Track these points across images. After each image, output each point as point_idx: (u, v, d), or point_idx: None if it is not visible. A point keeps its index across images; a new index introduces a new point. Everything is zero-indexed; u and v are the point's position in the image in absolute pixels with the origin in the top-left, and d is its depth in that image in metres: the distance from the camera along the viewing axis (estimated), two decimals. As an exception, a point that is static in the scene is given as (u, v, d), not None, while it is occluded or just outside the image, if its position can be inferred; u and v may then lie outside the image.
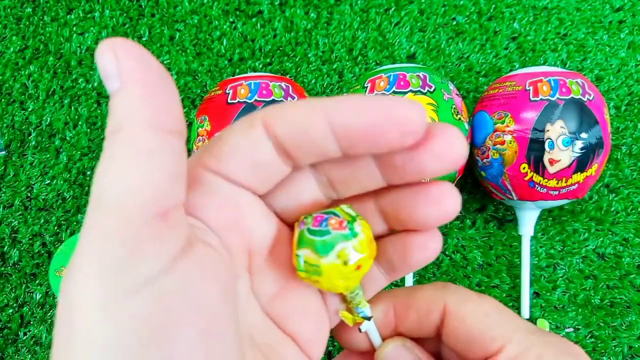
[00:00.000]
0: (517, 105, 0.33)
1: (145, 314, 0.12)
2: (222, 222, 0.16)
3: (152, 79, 0.13)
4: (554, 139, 0.32)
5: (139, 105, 0.12)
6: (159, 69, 0.13)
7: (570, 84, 0.33)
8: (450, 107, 0.33)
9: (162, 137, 0.13)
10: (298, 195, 0.18)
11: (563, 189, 0.33)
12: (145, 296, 0.12)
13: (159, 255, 0.12)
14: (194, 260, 0.13)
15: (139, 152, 0.12)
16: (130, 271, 0.12)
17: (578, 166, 0.33)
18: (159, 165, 0.13)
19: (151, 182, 0.12)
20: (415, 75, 0.33)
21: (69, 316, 0.12)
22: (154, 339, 0.12)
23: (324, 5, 0.44)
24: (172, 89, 0.13)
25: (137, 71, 0.12)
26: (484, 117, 0.35)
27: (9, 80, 0.42)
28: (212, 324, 0.13)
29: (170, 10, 0.44)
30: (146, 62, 0.13)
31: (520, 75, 0.34)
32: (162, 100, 0.13)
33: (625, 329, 0.38)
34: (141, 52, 0.13)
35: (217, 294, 0.14)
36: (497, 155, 0.34)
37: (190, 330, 0.13)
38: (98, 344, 0.12)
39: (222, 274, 0.14)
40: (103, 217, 0.12)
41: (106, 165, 0.13)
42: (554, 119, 0.32)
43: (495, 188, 0.36)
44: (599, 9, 0.44)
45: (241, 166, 0.16)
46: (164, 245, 0.12)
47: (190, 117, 0.42)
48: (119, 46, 0.12)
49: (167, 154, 0.13)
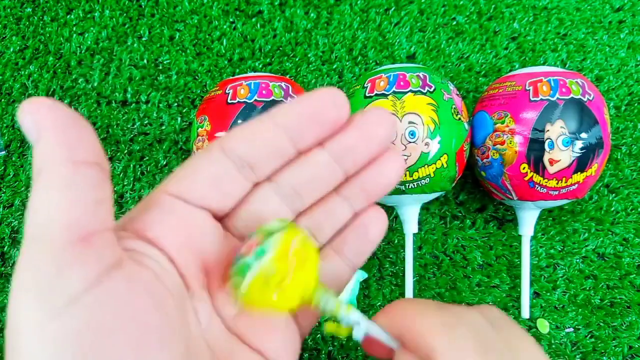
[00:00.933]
0: (517, 105, 0.33)
1: (75, 330, 0.13)
2: (175, 241, 0.17)
3: (62, 123, 0.14)
4: (554, 139, 0.32)
5: (52, 148, 0.14)
6: (69, 113, 0.15)
7: (570, 84, 0.33)
8: (450, 107, 0.33)
9: (76, 170, 0.14)
10: (261, 211, 0.19)
11: (563, 189, 0.33)
12: (74, 313, 0.13)
13: (82, 275, 0.14)
14: (121, 277, 0.14)
15: (56, 187, 0.14)
16: (57, 291, 0.13)
17: (578, 166, 0.32)
18: (75, 196, 0.14)
19: (69, 211, 0.14)
20: (415, 75, 0.33)
21: (14, 339, 0.13)
22: (87, 352, 0.13)
23: (324, 5, 0.44)
24: (83, 127, 0.15)
25: (48, 121, 0.14)
26: (484, 117, 0.35)
27: (9, 80, 0.42)
28: (143, 335, 0.14)
29: (170, 10, 0.44)
30: (56, 111, 0.14)
31: (520, 75, 0.34)
32: (73, 139, 0.14)
33: (625, 329, 0.38)
34: (52, 104, 0.14)
35: (148, 308, 0.15)
36: (497, 155, 0.34)
37: (120, 342, 0.14)
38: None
39: (158, 289, 0.16)
40: (32, 245, 0.14)
41: (32, 202, 0.14)
42: (553, 119, 0.32)
43: (495, 188, 0.36)
44: (599, 9, 0.44)
45: (199, 186, 0.18)
46: (87, 265, 0.14)
47: (191, 117, 0.42)
48: (34, 105, 0.14)
49: (84, 184, 0.14)
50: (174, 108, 0.42)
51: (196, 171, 0.18)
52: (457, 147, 0.33)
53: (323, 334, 0.37)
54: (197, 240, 0.18)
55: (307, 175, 0.20)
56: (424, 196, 0.35)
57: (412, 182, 0.33)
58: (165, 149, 0.41)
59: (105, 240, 0.15)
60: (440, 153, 0.33)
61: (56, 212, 0.14)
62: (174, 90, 0.42)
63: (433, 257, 0.39)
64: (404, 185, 0.33)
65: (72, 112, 0.15)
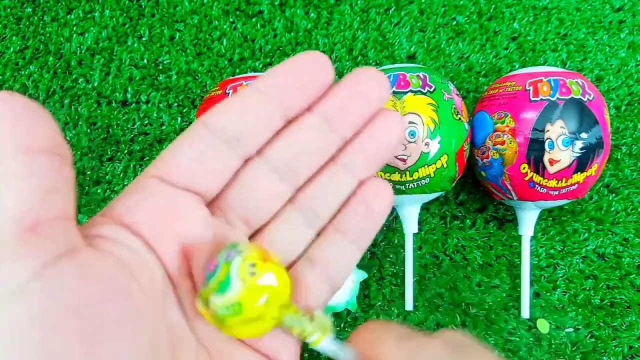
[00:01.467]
0: (517, 105, 0.33)
1: (19, 320, 0.13)
2: (154, 226, 0.17)
3: (16, 113, 0.14)
4: (554, 139, 0.32)
5: (2, 138, 0.14)
6: (25, 103, 0.14)
7: (570, 84, 0.33)
8: (450, 107, 0.33)
9: (27, 159, 0.14)
10: (254, 190, 0.18)
11: (563, 189, 0.33)
12: (22, 300, 0.13)
13: (27, 265, 0.13)
14: (72, 266, 0.14)
15: (6, 177, 0.14)
16: (5, 279, 0.13)
17: (578, 166, 0.32)
18: (24, 185, 0.14)
19: (18, 200, 0.14)
20: (415, 75, 0.33)
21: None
22: (31, 342, 0.13)
23: (324, 5, 0.44)
24: (40, 116, 0.15)
25: (3, 111, 0.14)
26: (484, 117, 0.35)
27: (9, 80, 0.42)
28: (94, 326, 0.14)
29: (170, 10, 0.44)
30: (11, 102, 0.14)
31: (520, 75, 0.34)
32: (25, 128, 0.14)
33: (625, 329, 0.38)
34: (7, 96, 0.14)
35: (103, 297, 0.14)
36: (497, 155, 0.34)
37: (66, 333, 0.13)
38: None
39: (119, 277, 0.15)
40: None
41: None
42: (554, 119, 0.32)
43: (495, 188, 0.36)
44: (599, 9, 0.44)
45: (182, 165, 0.17)
46: (33, 255, 0.14)
47: (191, 117, 0.42)
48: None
49: (35, 173, 0.14)
50: (174, 108, 0.42)
51: (179, 151, 0.17)
52: (457, 147, 0.33)
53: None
54: (180, 225, 0.17)
55: (299, 145, 0.18)
56: (424, 196, 0.35)
57: (412, 182, 0.33)
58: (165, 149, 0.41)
59: (57, 228, 0.14)
60: (440, 153, 0.33)
61: (7, 203, 0.14)
62: (174, 90, 0.42)
63: (433, 257, 0.39)
64: (404, 185, 0.33)
65: (28, 102, 0.14)
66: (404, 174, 0.33)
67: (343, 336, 0.38)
